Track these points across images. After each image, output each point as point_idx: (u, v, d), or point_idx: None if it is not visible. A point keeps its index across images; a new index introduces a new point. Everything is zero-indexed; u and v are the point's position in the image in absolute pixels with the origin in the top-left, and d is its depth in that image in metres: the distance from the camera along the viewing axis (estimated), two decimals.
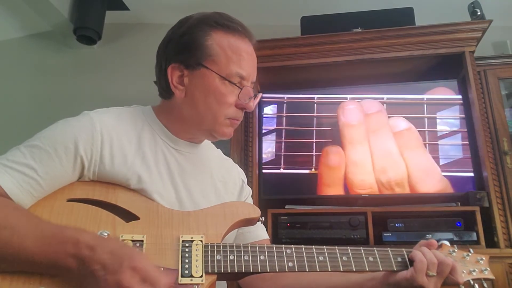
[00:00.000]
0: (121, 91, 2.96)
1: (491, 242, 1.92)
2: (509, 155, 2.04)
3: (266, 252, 0.92)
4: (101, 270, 0.74)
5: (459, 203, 2.05)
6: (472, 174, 2.10)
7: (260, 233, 1.15)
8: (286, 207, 2.22)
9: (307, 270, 0.92)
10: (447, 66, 2.32)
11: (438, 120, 2.21)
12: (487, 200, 1.97)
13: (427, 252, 0.95)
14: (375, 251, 0.97)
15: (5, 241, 0.76)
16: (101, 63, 3.16)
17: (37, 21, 2.99)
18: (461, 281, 0.96)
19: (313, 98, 2.36)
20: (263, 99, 2.39)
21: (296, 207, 2.21)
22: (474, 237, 1.93)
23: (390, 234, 2.02)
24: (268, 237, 1.18)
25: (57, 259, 0.76)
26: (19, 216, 0.81)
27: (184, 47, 1.00)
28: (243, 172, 1.25)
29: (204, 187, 1.07)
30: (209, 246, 0.89)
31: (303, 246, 0.95)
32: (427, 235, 1.98)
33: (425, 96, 2.25)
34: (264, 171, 2.30)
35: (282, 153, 2.31)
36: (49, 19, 2.92)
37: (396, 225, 2.05)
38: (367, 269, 0.95)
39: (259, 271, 0.90)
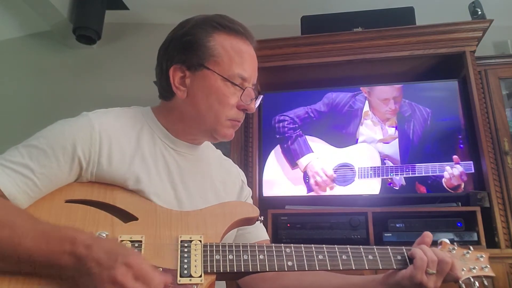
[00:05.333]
0: (120, 91, 2.96)
1: (492, 243, 1.92)
2: (510, 155, 2.03)
3: (265, 252, 0.91)
4: (96, 267, 0.74)
5: (459, 203, 2.04)
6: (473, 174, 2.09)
7: (260, 234, 1.15)
8: (286, 207, 2.21)
9: (306, 269, 0.91)
10: (447, 66, 2.32)
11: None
12: (487, 200, 1.96)
13: (427, 250, 0.95)
14: (375, 249, 0.97)
15: (4, 239, 0.76)
16: (101, 63, 3.15)
17: (36, 20, 2.99)
18: (460, 276, 0.96)
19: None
20: None
21: (296, 207, 2.21)
22: (475, 237, 1.92)
23: (390, 234, 2.01)
24: (268, 238, 1.17)
25: (54, 257, 0.76)
26: (17, 216, 0.81)
27: (186, 48, 1.00)
28: (243, 173, 1.25)
29: (203, 187, 1.07)
30: (208, 246, 0.89)
31: (302, 245, 0.94)
32: None
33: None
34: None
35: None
36: (48, 18, 2.92)
37: (397, 225, 2.04)
38: (367, 268, 0.95)
39: (258, 270, 0.89)
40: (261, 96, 1.08)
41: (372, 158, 2.22)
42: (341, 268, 0.93)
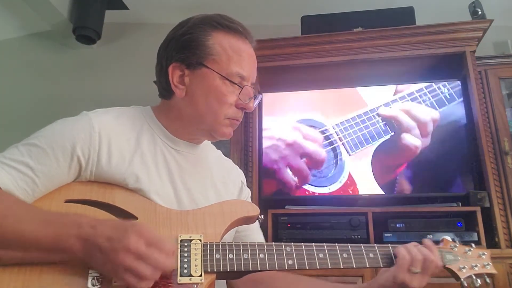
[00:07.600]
0: (120, 91, 2.96)
1: (492, 243, 1.91)
2: (510, 155, 2.03)
3: (265, 250, 0.91)
4: (106, 242, 0.76)
5: (459, 203, 2.04)
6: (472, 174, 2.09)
7: (256, 237, 1.15)
8: (286, 207, 2.21)
9: (307, 267, 0.91)
10: (447, 66, 2.32)
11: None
12: (488, 200, 1.96)
13: (412, 248, 0.95)
14: (376, 247, 0.97)
15: (9, 227, 0.78)
16: (101, 63, 3.15)
17: (36, 20, 2.99)
18: (439, 264, 0.95)
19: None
20: None
21: (296, 207, 2.20)
22: (475, 238, 1.92)
23: (390, 234, 2.01)
24: (264, 242, 1.17)
25: (61, 241, 0.78)
26: (20, 206, 0.82)
27: (185, 47, 1.00)
28: (243, 174, 1.25)
29: (203, 187, 1.07)
30: (208, 245, 0.89)
31: (302, 244, 0.94)
32: (428, 236, 1.97)
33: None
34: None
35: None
36: (48, 18, 2.92)
37: (397, 225, 2.04)
38: (368, 266, 0.95)
39: (259, 269, 0.89)
40: (260, 95, 1.08)
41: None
42: (341, 267, 0.93)
